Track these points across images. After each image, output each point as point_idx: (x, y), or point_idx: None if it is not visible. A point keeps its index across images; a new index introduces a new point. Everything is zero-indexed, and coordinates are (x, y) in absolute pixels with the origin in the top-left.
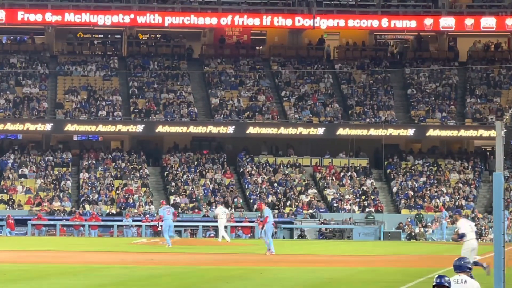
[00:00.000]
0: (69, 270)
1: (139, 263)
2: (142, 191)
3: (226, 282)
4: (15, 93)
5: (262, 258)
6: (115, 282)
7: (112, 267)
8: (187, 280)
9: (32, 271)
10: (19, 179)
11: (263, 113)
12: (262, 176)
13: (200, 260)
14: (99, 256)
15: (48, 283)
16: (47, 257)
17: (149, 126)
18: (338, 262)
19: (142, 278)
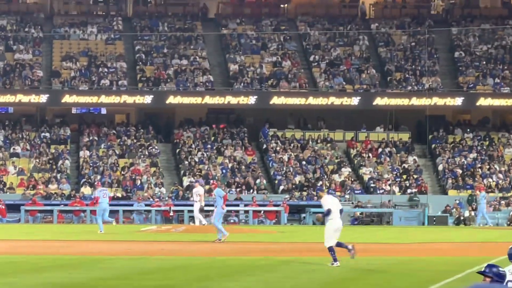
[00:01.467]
0: (68, 262)
1: (148, 254)
2: (151, 172)
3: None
4: (4, 60)
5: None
6: (120, 276)
7: (117, 259)
8: (203, 273)
9: (26, 263)
10: (11, 158)
11: (289, 80)
12: (288, 153)
13: (218, 250)
14: (102, 246)
15: (44, 277)
16: (43, 248)
17: (159, 96)
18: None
19: (151, 271)
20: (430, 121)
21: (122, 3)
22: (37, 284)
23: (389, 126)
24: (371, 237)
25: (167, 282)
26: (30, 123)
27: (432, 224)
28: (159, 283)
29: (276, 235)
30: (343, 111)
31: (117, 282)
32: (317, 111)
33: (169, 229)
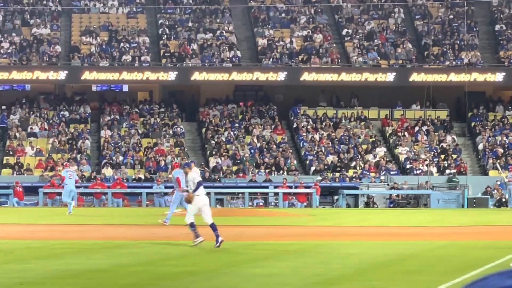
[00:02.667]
0: (88, 248)
1: (173, 238)
2: (175, 152)
3: (278, 260)
4: (21, 35)
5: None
6: (143, 262)
7: (140, 244)
8: (230, 258)
9: (44, 248)
10: (28, 138)
11: (321, 56)
12: (320, 132)
13: (246, 234)
14: (124, 231)
15: (64, 263)
16: (62, 232)
17: (183, 73)
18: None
19: (177, 256)
20: (469, 98)
21: None
22: (56, 270)
23: (426, 103)
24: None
25: (192, 268)
26: (48, 101)
27: (471, 207)
28: (184, 269)
29: (307, 218)
30: (377, 88)
31: (140, 268)
32: (350, 88)
33: None
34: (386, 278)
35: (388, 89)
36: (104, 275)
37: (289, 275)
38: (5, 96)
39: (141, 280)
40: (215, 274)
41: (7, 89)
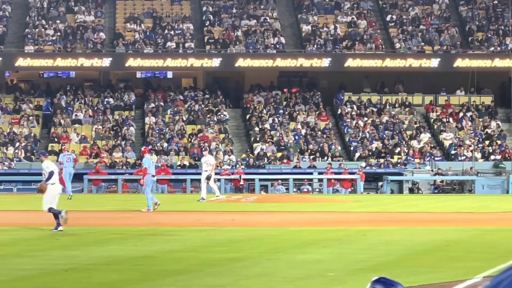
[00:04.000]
0: (134, 234)
1: (218, 225)
2: (220, 138)
3: (323, 246)
4: (66, 22)
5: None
6: (188, 248)
7: (185, 230)
8: (275, 245)
9: (89, 235)
10: (73, 125)
11: (365, 42)
12: (364, 119)
13: (290, 221)
14: (169, 217)
15: (109, 250)
16: (107, 219)
17: (227, 59)
18: (458, 221)
19: (221, 243)
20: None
21: None
22: (101, 257)
23: (471, 89)
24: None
25: (237, 255)
26: (93, 88)
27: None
28: (229, 255)
29: (352, 204)
30: (422, 74)
31: (185, 254)
32: (395, 74)
33: (239, 198)
34: (431, 264)
35: (433, 75)
36: (149, 262)
37: (333, 261)
38: (49, 84)
39: (187, 267)
40: (259, 260)
41: (52, 76)
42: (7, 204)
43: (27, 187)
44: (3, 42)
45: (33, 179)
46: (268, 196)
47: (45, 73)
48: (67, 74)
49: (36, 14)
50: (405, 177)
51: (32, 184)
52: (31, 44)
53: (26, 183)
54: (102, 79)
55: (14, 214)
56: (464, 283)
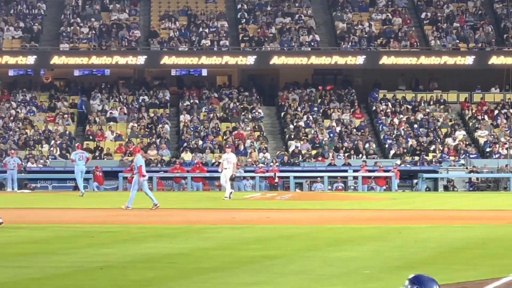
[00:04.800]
0: (168, 232)
1: (253, 222)
2: (254, 136)
3: (358, 244)
4: (100, 20)
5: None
6: (223, 246)
7: (219, 228)
8: (310, 242)
9: (125, 232)
10: (108, 123)
11: (400, 39)
12: (399, 116)
13: (325, 218)
14: (204, 215)
15: (144, 247)
16: (141, 216)
17: (262, 57)
18: (493, 218)
19: (256, 240)
20: None
21: None
22: (137, 254)
23: (506, 86)
24: (488, 204)
25: (272, 252)
26: (128, 86)
27: None
28: (265, 253)
29: (387, 202)
30: (456, 71)
31: (220, 252)
32: (429, 71)
33: (274, 196)
34: (466, 262)
35: (467, 72)
36: (184, 259)
37: (369, 259)
38: (84, 82)
39: (221, 264)
40: (295, 258)
41: (87, 74)
42: (42, 202)
43: (62, 185)
44: (38, 40)
45: (68, 176)
46: (303, 193)
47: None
48: (102, 72)
49: (71, 12)
50: (440, 175)
51: (67, 182)
52: (66, 42)
53: (61, 181)
54: (136, 77)
55: (49, 211)
56: (500, 281)
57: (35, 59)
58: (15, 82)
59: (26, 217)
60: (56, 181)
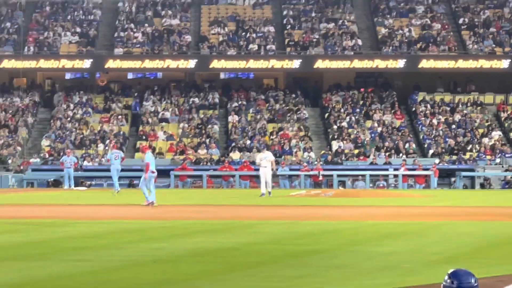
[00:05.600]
0: (218, 227)
1: (298, 218)
2: (299, 136)
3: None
4: (153, 25)
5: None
6: (271, 240)
7: (267, 223)
8: (352, 238)
9: (176, 228)
10: (160, 123)
11: (438, 43)
12: (437, 117)
13: (367, 214)
14: (252, 211)
15: (195, 242)
16: (192, 212)
17: (307, 61)
18: None
19: (302, 235)
20: None
21: None
22: (187, 249)
23: None
24: None
25: (318, 247)
26: (179, 89)
27: None
28: (310, 247)
29: (426, 199)
30: (492, 74)
31: (268, 246)
32: (467, 74)
33: (318, 193)
34: (503, 256)
35: (504, 75)
36: (233, 253)
37: (409, 253)
38: (137, 84)
39: (268, 258)
40: (338, 252)
41: (140, 77)
42: (97, 198)
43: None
44: (94, 45)
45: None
46: (346, 191)
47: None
48: (154, 75)
49: (125, 18)
50: (477, 173)
51: (121, 180)
52: (120, 46)
53: None
54: (187, 79)
55: (104, 208)
56: None
57: (91, 63)
58: (72, 85)
59: (81, 213)
60: (110, 179)
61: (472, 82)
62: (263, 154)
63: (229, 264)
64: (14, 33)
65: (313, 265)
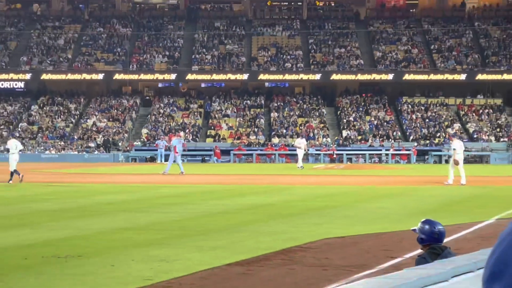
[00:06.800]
0: (262, 190)
1: (319, 184)
2: (320, 127)
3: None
4: (219, 50)
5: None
6: (298, 199)
7: (297, 187)
8: (357, 197)
9: (234, 190)
10: (223, 118)
11: (416, 63)
12: (416, 114)
13: (367, 181)
14: (286, 179)
15: (247, 199)
16: (245, 179)
17: (325, 74)
18: (480, 181)
19: (321, 195)
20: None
21: (299, 9)
22: (242, 204)
23: (487, 94)
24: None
25: (331, 203)
26: (237, 94)
27: None
28: (326, 204)
29: (408, 171)
30: (454, 84)
31: (297, 203)
32: (436, 84)
33: (333, 166)
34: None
35: (462, 85)
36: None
37: (397, 208)
38: (208, 91)
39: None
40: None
41: (209, 86)
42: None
43: (193, 159)
44: (178, 64)
45: (197, 153)
46: (352, 165)
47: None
48: (219, 84)
49: (199, 45)
50: (443, 153)
51: (196, 157)
52: (196, 64)
53: (192, 157)
54: (242, 87)
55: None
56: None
57: (176, 76)
58: (162, 91)
59: (168, 180)
60: (190, 156)
61: (440, 89)
62: (299, 139)
63: (269, 215)
64: (123, 55)
65: (328, 216)
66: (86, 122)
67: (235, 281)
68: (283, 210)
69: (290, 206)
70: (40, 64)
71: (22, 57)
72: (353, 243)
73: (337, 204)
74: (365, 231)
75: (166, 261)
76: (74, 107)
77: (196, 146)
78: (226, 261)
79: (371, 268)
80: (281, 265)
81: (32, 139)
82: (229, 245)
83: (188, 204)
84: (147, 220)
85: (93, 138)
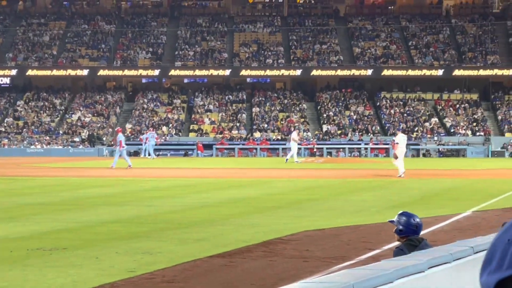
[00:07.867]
0: (245, 183)
1: (300, 177)
2: (300, 121)
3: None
4: (201, 46)
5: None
6: (280, 192)
7: (279, 180)
8: (337, 190)
9: (216, 184)
10: (206, 113)
11: (395, 58)
12: (394, 109)
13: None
14: (268, 172)
15: (228, 193)
16: (228, 173)
17: (306, 70)
18: (456, 175)
19: (303, 188)
20: (492, 86)
21: (280, 6)
22: (225, 197)
23: (464, 89)
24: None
25: (312, 196)
26: (219, 89)
27: (493, 157)
28: (307, 197)
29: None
30: (431, 79)
31: (279, 196)
32: (414, 80)
33: (313, 160)
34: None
35: (439, 80)
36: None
37: (375, 201)
38: (191, 86)
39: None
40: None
41: (192, 81)
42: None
43: (176, 153)
44: (161, 60)
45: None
46: (332, 159)
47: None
48: (202, 80)
49: (182, 41)
50: (420, 146)
51: (179, 151)
52: (179, 60)
53: (175, 151)
54: (224, 83)
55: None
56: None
57: (159, 71)
58: (146, 86)
59: (152, 173)
60: (172, 151)
61: (417, 85)
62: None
63: (254, 208)
64: (107, 51)
65: (309, 209)
66: (71, 117)
67: (218, 273)
68: (265, 203)
69: (271, 199)
70: (26, 60)
71: (7, 54)
72: (333, 235)
73: (317, 197)
74: (344, 223)
75: (149, 253)
76: (59, 102)
77: (179, 140)
78: (209, 253)
79: (350, 259)
80: (262, 257)
81: (18, 133)
82: (211, 238)
83: (171, 198)
84: (130, 213)
85: (78, 133)
